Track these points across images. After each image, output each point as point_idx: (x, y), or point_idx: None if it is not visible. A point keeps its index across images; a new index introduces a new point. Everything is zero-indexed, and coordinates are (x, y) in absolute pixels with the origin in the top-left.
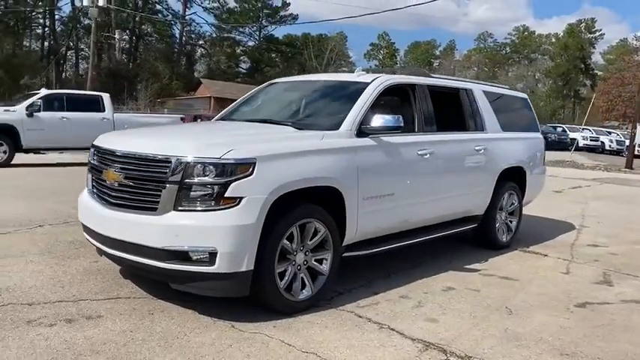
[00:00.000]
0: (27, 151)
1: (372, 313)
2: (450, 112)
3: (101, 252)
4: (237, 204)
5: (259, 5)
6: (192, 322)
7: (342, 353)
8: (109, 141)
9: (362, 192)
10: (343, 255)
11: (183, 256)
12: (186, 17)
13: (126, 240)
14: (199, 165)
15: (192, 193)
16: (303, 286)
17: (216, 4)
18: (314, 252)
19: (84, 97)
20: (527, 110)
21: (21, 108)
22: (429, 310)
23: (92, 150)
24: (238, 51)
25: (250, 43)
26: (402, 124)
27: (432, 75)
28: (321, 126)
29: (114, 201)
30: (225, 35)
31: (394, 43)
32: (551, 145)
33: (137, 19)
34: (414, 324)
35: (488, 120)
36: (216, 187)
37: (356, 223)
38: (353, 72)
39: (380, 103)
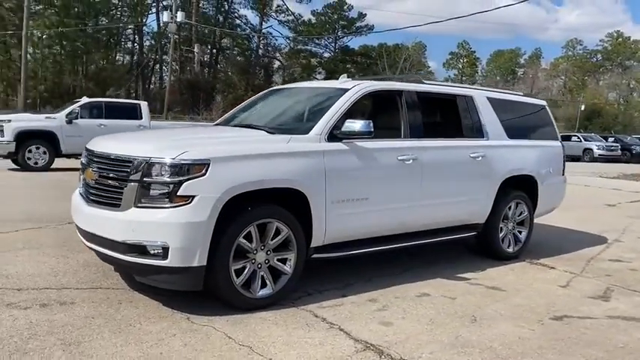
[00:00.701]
0: (67, 156)
1: (330, 313)
2: (444, 118)
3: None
4: (190, 202)
5: (335, 17)
6: (152, 312)
7: (276, 348)
8: (94, 143)
9: (330, 195)
10: (313, 257)
11: (140, 249)
12: (263, 31)
13: (97, 233)
14: (156, 165)
15: (149, 191)
16: (264, 284)
17: (290, 17)
18: (276, 252)
19: (122, 105)
20: (544, 118)
21: (61, 115)
22: (389, 314)
23: (84, 151)
24: (314, 62)
25: (326, 55)
26: (372, 129)
27: (426, 82)
28: (293, 130)
29: (91, 197)
30: (301, 47)
31: (474, 51)
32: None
33: (217, 33)
34: (366, 326)
35: (491, 127)
36: (170, 186)
37: (324, 226)
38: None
39: (359, 109)
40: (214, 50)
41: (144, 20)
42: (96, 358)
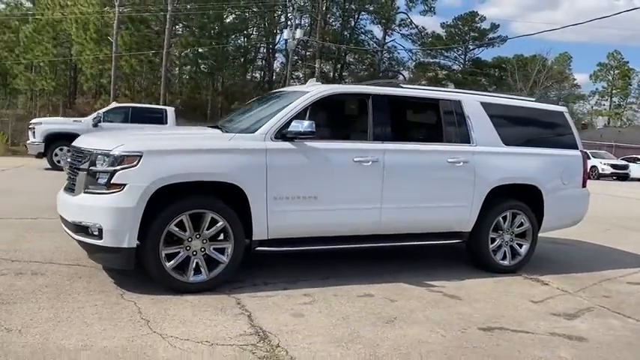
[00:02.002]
0: None
1: (254, 302)
2: (421, 122)
3: None
4: (121, 190)
5: (466, 29)
6: (98, 286)
7: (170, 325)
8: (77, 139)
9: (272, 192)
10: (257, 249)
11: (84, 230)
12: (388, 44)
13: (62, 215)
14: (99, 156)
15: (93, 179)
16: (199, 270)
17: (414, 31)
18: (213, 241)
19: (149, 110)
20: (561, 125)
21: (88, 119)
22: (311, 307)
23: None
24: (441, 75)
25: (455, 67)
26: (313, 130)
27: (404, 86)
28: (246, 130)
29: (66, 186)
30: (428, 60)
31: (628, 62)
32: None
33: (342, 48)
34: (276, 316)
35: (480, 133)
36: (107, 175)
37: (265, 221)
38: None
39: (321, 112)
40: (339, 65)
41: (275, 39)
42: (15, 315)
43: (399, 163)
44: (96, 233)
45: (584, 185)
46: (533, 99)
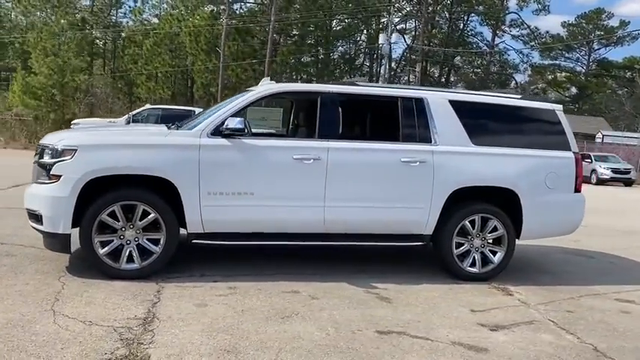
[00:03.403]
0: None
1: (171, 291)
2: (376, 121)
3: None
4: (58, 180)
5: (590, 27)
6: (46, 267)
7: (74, 305)
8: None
9: (205, 187)
10: (193, 242)
11: (32, 216)
12: (499, 46)
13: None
14: (46, 149)
15: (42, 170)
16: (132, 259)
17: (525, 31)
18: (146, 232)
19: (177, 112)
20: (551, 124)
21: (121, 120)
22: (221, 299)
23: None
24: (561, 78)
25: (578, 69)
26: (242, 127)
27: (360, 84)
28: (187, 126)
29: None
30: (547, 62)
31: None
32: None
33: (449, 51)
34: (179, 304)
35: (444, 132)
36: (48, 167)
37: (199, 215)
38: None
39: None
40: (445, 69)
41: (378, 44)
42: None
43: (344, 161)
44: (38, 219)
45: (577, 190)
46: (519, 96)
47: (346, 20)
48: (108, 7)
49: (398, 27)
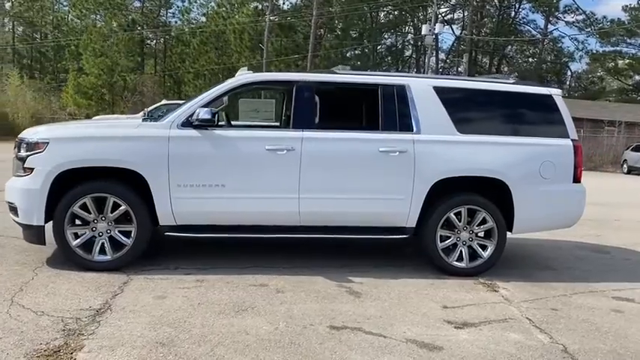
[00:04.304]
0: None
1: (138, 283)
2: (355, 109)
3: None
4: (31, 173)
5: None
6: (29, 260)
7: (34, 295)
8: None
9: (175, 179)
10: (166, 234)
11: (11, 208)
12: (553, 34)
13: None
14: (22, 143)
15: (19, 163)
16: (104, 250)
17: (581, 17)
18: (118, 224)
19: None
20: (547, 111)
21: (139, 115)
22: (182, 292)
23: None
24: (623, 65)
25: None
26: (210, 117)
27: (339, 72)
28: (159, 118)
29: None
30: (608, 49)
31: None
32: None
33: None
34: (138, 296)
35: (428, 119)
36: (23, 159)
37: (169, 207)
38: None
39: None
40: (496, 59)
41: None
42: None
43: (318, 151)
44: (15, 211)
45: (576, 180)
46: (512, 81)
47: (393, 12)
48: (158, 7)
49: (446, 17)
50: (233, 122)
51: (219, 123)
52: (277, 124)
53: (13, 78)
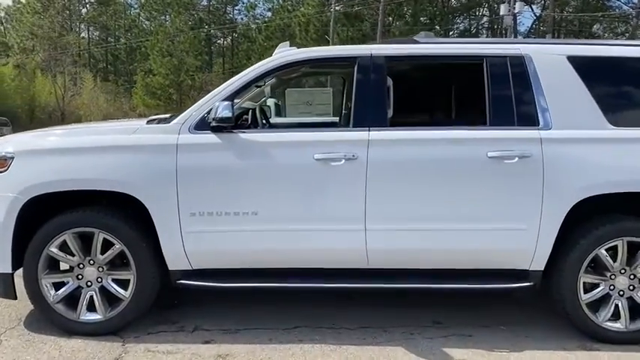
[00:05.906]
0: None
1: (132, 358)
2: (449, 96)
3: None
4: None
5: None
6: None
7: None
8: None
9: (188, 205)
10: (178, 282)
11: None
12: None
13: None
14: None
15: None
16: (94, 307)
17: None
18: (112, 270)
19: None
20: None
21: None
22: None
23: None
24: None
25: None
26: (229, 115)
27: (422, 40)
28: (168, 120)
29: None
30: None
31: None
32: None
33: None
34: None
35: (561, 108)
36: None
37: (180, 245)
38: None
39: (273, 90)
40: (582, 39)
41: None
42: None
43: (393, 161)
44: None
45: None
46: None
47: None
48: (224, 4)
49: None
50: (273, 120)
51: (248, 122)
52: (336, 119)
53: (87, 81)
